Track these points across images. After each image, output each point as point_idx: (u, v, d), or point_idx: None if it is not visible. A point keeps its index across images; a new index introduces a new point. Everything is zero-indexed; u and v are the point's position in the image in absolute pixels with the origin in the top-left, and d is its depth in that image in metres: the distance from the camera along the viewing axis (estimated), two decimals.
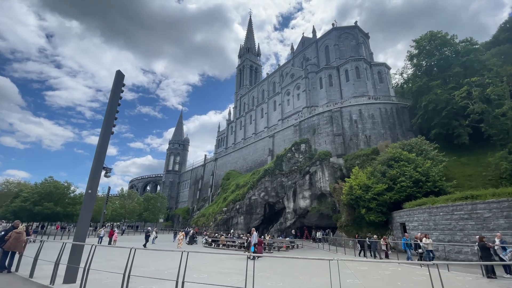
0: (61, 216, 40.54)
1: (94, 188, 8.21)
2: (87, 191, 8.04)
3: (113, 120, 9.08)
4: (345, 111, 37.65)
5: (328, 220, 35.86)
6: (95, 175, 8.34)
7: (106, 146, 8.78)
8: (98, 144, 8.73)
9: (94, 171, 8.34)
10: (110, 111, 9.02)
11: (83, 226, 7.84)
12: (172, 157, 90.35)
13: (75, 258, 7.33)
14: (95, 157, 8.58)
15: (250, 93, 74.62)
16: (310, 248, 24.75)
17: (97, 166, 8.47)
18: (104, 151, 8.71)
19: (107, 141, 8.82)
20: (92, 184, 8.19)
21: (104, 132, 8.81)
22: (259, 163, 50.54)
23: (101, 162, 8.57)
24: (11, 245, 8.63)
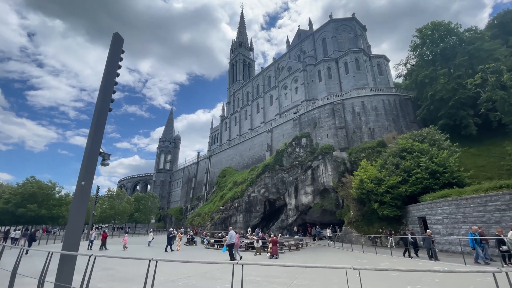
0: (46, 218, 37.41)
1: (89, 180, 6.19)
2: (79, 183, 6.02)
3: (111, 92, 7.06)
4: (347, 103, 36.37)
5: (331, 216, 34.61)
6: (89, 163, 6.32)
7: (103, 126, 6.77)
8: (93, 122, 6.70)
9: (88, 157, 6.32)
10: (107, 80, 7.00)
11: (74, 230, 5.83)
12: (162, 156, 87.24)
13: (65, 274, 5.35)
14: (88, 140, 6.54)
15: (244, 88, 72.54)
16: (320, 246, 23.25)
17: (92, 151, 6.45)
18: (100, 132, 6.70)
19: (104, 118, 6.81)
20: (86, 174, 6.18)
21: (100, 107, 6.79)
22: (257, 159, 48.77)
23: (96, 146, 6.55)
24: None
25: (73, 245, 5.69)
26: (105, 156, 6.73)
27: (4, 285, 6.03)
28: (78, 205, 5.93)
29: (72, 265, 5.57)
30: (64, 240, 5.73)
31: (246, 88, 71.48)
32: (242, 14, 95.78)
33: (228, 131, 72.20)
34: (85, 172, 6.18)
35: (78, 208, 5.91)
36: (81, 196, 5.97)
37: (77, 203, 5.91)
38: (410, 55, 38.59)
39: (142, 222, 55.61)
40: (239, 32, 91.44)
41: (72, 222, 5.79)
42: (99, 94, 7.01)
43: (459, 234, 15.13)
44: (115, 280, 8.33)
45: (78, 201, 5.93)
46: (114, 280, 8.33)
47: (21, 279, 6.27)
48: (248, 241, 20.42)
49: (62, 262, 5.45)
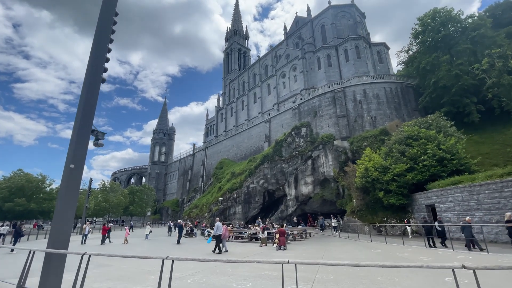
0: (36, 213, 35.95)
1: (79, 162, 5.07)
2: (68, 167, 4.91)
3: (104, 56, 5.87)
4: (348, 91, 35.45)
5: (331, 206, 34.19)
6: (79, 142, 5.19)
7: (95, 98, 5.60)
8: (82, 94, 5.53)
9: (78, 135, 5.19)
10: (99, 40, 5.80)
11: (63, 223, 4.75)
12: (157, 148, 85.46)
13: (51, 278, 4.30)
14: (77, 116, 5.39)
15: (240, 77, 70.82)
16: (324, 236, 22.69)
17: (82, 128, 5.31)
18: (92, 105, 5.54)
19: (96, 89, 5.64)
20: (76, 156, 5.06)
21: (91, 75, 5.61)
22: (255, 150, 47.83)
23: (87, 122, 5.41)
24: None
25: (61, 241, 4.63)
26: (98, 135, 5.61)
27: None
28: (67, 192, 4.83)
29: (60, 266, 4.53)
30: (50, 236, 4.66)
31: (242, 78, 69.78)
32: (237, 1, 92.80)
33: (224, 122, 70.76)
34: (74, 153, 5.06)
35: (67, 197, 4.82)
36: (70, 182, 4.86)
37: (65, 190, 4.81)
38: (412, 42, 37.73)
39: (138, 215, 54.53)
40: (234, 20, 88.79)
41: (59, 214, 4.71)
42: (89, 60, 5.82)
43: (472, 221, 14.57)
44: (113, 279, 7.35)
45: (67, 188, 4.83)
46: (111, 279, 7.34)
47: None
48: (251, 231, 19.63)
49: (47, 263, 4.40)
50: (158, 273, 8.32)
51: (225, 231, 13.74)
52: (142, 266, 9.07)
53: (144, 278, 7.60)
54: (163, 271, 7.64)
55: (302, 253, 12.76)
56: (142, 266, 9.07)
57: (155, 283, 7.04)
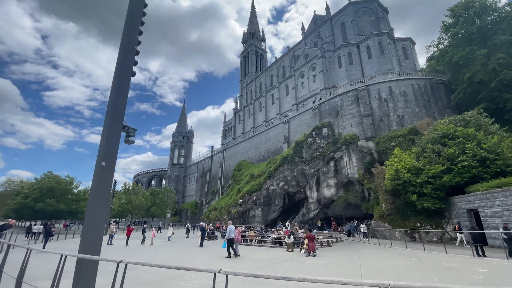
0: (65, 213, 37.40)
1: (111, 160, 4.71)
2: (99, 165, 4.54)
3: (134, 48, 5.53)
4: (372, 89, 33.88)
5: (356, 209, 32.70)
6: (110, 139, 4.82)
7: (125, 93, 5.25)
8: (113, 90, 5.18)
9: (108, 132, 4.83)
10: (129, 32, 5.46)
11: (94, 226, 4.37)
12: (176, 150, 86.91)
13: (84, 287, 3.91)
14: (108, 112, 5.05)
15: (257, 79, 70.54)
16: (352, 242, 21.48)
17: (113, 124, 4.95)
18: (123, 101, 5.18)
19: (126, 84, 5.29)
20: (107, 153, 4.69)
21: (121, 69, 5.26)
22: (274, 151, 47.09)
23: (118, 119, 5.05)
24: None
25: (93, 246, 4.25)
26: (129, 131, 5.25)
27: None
28: (99, 191, 4.46)
29: (92, 272, 4.14)
30: (81, 239, 4.30)
31: (259, 80, 69.46)
32: (253, 3, 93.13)
33: (242, 124, 70.66)
34: (105, 150, 4.70)
35: (99, 195, 4.45)
36: (101, 180, 4.50)
37: (97, 189, 4.44)
38: (442, 36, 35.51)
39: (159, 216, 55.42)
40: (250, 23, 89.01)
41: (91, 214, 4.34)
42: (119, 54, 5.50)
43: None
44: (142, 284, 6.97)
45: (99, 186, 4.46)
46: (141, 284, 6.97)
47: None
48: (275, 236, 18.90)
49: (79, 268, 4.02)
50: (187, 278, 7.91)
51: (238, 235, 13.47)
52: (169, 270, 8.67)
53: (175, 284, 7.18)
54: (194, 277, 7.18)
55: (334, 260, 11.87)
56: (170, 271, 8.66)
57: None
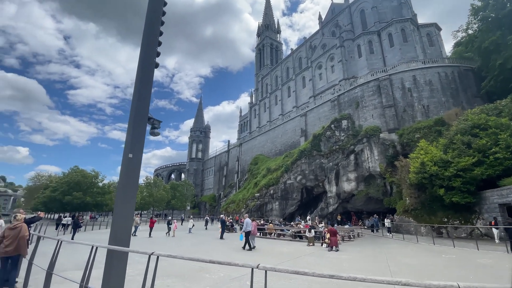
0: (91, 206, 39.32)
1: (137, 152, 4.69)
2: (126, 156, 4.54)
3: (157, 39, 5.45)
4: (395, 78, 32.31)
5: (377, 204, 31.75)
6: (136, 131, 4.80)
7: (149, 85, 5.20)
8: (137, 81, 5.14)
9: (134, 124, 4.81)
10: (151, 21, 5.38)
11: (123, 218, 4.39)
12: (194, 145, 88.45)
13: (115, 278, 3.94)
14: (133, 105, 5.02)
15: (273, 72, 69.63)
16: (375, 237, 20.88)
17: (139, 117, 4.92)
18: (147, 92, 5.14)
19: (150, 76, 5.23)
20: (133, 145, 4.68)
21: (143, 61, 5.20)
22: (290, 145, 46.57)
23: (143, 111, 5.02)
24: (8, 247, 5.49)
25: (123, 237, 4.28)
26: (154, 123, 5.22)
27: (39, 285, 4.96)
28: (127, 182, 4.47)
29: (123, 264, 4.17)
30: (111, 231, 4.34)
31: (275, 72, 68.53)
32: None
33: (258, 118, 70.37)
34: (131, 142, 4.69)
35: (127, 187, 4.46)
36: (129, 172, 4.50)
37: (125, 180, 4.45)
38: (471, 20, 32.99)
39: (179, 208, 56.99)
40: (265, 14, 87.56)
41: (120, 207, 4.36)
42: (142, 45, 5.43)
43: None
44: (170, 276, 7.07)
45: (126, 178, 4.47)
46: (169, 275, 7.07)
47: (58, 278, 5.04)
48: (295, 229, 18.73)
49: (109, 260, 4.05)
50: (212, 271, 7.94)
51: (254, 228, 13.65)
52: (195, 263, 8.76)
53: (200, 276, 7.22)
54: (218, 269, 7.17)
55: (359, 255, 11.52)
56: (195, 263, 8.75)
57: (212, 282, 6.58)
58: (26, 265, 5.97)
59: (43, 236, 6.30)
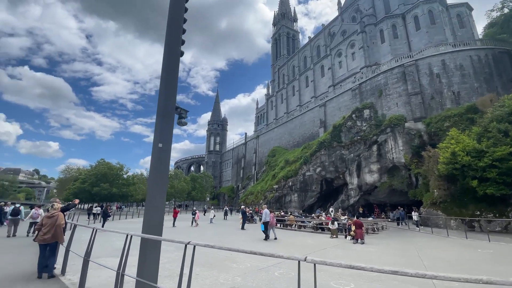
0: (117, 196, 41.25)
1: (167, 141, 4.68)
2: (156, 146, 4.53)
3: (181, 27, 5.33)
4: (422, 64, 30.43)
5: (401, 196, 30.63)
6: (165, 121, 4.77)
7: (176, 73, 5.12)
8: (163, 71, 5.07)
9: (163, 114, 4.78)
10: (174, 8, 5.25)
11: (156, 207, 4.41)
12: (212, 138, 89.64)
13: (149, 267, 3.98)
14: (160, 94, 4.97)
15: (290, 62, 68.19)
16: (400, 230, 20.20)
17: (167, 106, 4.88)
18: (173, 81, 5.07)
19: (176, 65, 5.15)
20: (163, 135, 4.66)
21: (169, 50, 5.12)
22: (309, 136, 45.78)
23: (171, 101, 4.96)
24: (46, 235, 5.76)
25: (155, 226, 4.31)
26: (181, 112, 5.16)
27: (76, 271, 5.19)
28: (157, 173, 4.48)
29: (156, 253, 4.21)
30: (144, 220, 4.38)
31: (292, 62, 67.07)
32: None
33: (275, 109, 69.70)
34: (160, 131, 4.68)
35: (158, 178, 4.46)
36: (160, 162, 4.51)
37: (155, 170, 4.47)
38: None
39: (199, 199, 58.45)
40: (280, 3, 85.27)
41: (152, 196, 4.39)
42: (166, 34, 5.34)
43: None
44: (197, 264, 7.14)
45: (157, 168, 4.47)
46: (196, 264, 7.14)
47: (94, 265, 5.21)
48: (317, 221, 18.49)
49: (144, 249, 4.10)
50: (238, 260, 7.97)
51: (272, 219, 13.86)
52: (219, 252, 8.85)
53: (227, 265, 7.26)
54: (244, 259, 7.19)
55: (387, 249, 11.12)
56: (220, 252, 8.84)
57: (240, 272, 6.59)
58: (63, 251, 6.27)
59: (78, 225, 6.57)
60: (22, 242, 10.72)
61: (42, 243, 5.81)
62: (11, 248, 9.43)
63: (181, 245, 3.34)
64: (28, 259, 7.37)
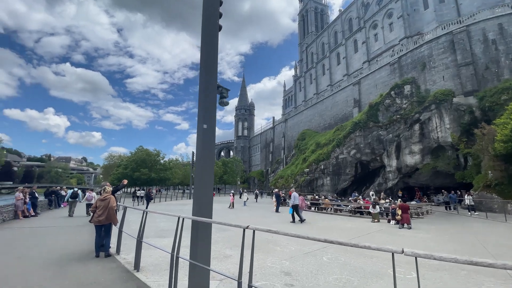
0: (156, 181, 43.94)
1: (211, 121, 4.47)
2: (201, 128, 4.33)
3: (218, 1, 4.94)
4: (474, 29, 26.68)
5: (446, 178, 28.26)
6: (208, 101, 4.54)
7: (215, 50, 4.79)
8: (202, 51, 4.77)
9: (205, 94, 4.56)
10: None
11: (204, 189, 4.29)
12: (240, 123, 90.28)
13: (201, 250, 3.91)
14: (201, 74, 4.70)
15: (319, 40, 64.55)
16: (448, 215, 18.68)
17: (209, 86, 4.64)
18: (213, 59, 4.76)
19: (215, 41, 4.81)
20: (206, 115, 4.45)
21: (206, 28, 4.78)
22: (341, 117, 43.73)
23: (212, 79, 4.69)
24: (100, 216, 6.07)
25: (205, 208, 4.20)
26: (223, 91, 4.90)
27: (129, 251, 5.43)
28: (204, 154, 4.36)
29: (207, 236, 4.12)
30: (194, 202, 4.30)
31: (321, 39, 63.42)
32: None
33: (303, 91, 67.43)
34: (204, 112, 4.46)
35: (204, 159, 4.33)
36: (205, 143, 4.37)
37: (202, 152, 4.34)
38: None
39: (230, 183, 60.08)
40: None
41: (200, 178, 4.27)
42: (203, 8, 4.98)
43: None
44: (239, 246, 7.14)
45: (203, 149, 4.34)
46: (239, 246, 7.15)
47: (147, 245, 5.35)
48: (355, 205, 17.77)
49: (195, 232, 4.02)
50: (281, 243, 7.85)
51: (302, 202, 14.04)
52: (261, 234, 8.78)
53: (271, 248, 7.18)
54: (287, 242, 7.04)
55: (438, 234, 10.20)
56: (261, 235, 8.79)
57: (284, 256, 6.43)
58: (116, 232, 6.62)
59: (128, 207, 6.85)
60: (80, 222, 11.74)
61: (97, 224, 6.16)
62: (70, 228, 10.36)
63: (222, 226, 3.16)
64: (86, 239, 7.98)
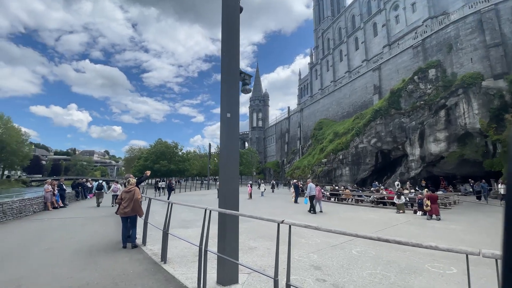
0: (175, 172, 45.11)
1: (234, 109, 4.29)
2: (224, 116, 4.15)
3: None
4: (504, 8, 24.42)
5: (473, 167, 26.75)
6: (231, 89, 4.32)
7: (237, 37, 4.55)
8: (223, 39, 4.55)
9: (228, 82, 4.34)
10: None
11: (230, 179, 4.15)
12: (254, 114, 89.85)
13: (229, 244, 3.80)
14: (223, 61, 4.49)
15: (335, 24, 62.01)
16: (477, 205, 17.68)
17: (230, 72, 4.40)
18: (235, 45, 4.52)
19: (236, 27, 4.56)
20: (229, 103, 4.27)
21: (227, 13, 4.54)
22: (361, 105, 42.23)
23: (235, 65, 4.46)
24: (126, 208, 6.14)
25: (231, 199, 4.07)
26: (245, 78, 4.67)
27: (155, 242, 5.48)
28: (228, 144, 4.21)
29: (235, 228, 3.99)
30: (220, 194, 4.18)
31: (338, 24, 60.88)
32: None
33: (319, 79, 65.58)
34: (227, 101, 4.28)
35: (229, 149, 4.19)
36: (229, 132, 4.22)
37: (226, 141, 4.19)
38: None
39: (246, 174, 60.51)
40: None
41: (225, 169, 4.13)
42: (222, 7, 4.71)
43: None
44: (264, 238, 7.14)
45: (227, 138, 4.19)
46: (264, 238, 7.14)
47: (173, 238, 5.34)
48: (377, 196, 17.22)
49: (222, 225, 3.90)
50: (305, 235, 7.68)
51: (318, 192, 14.08)
52: (282, 225, 8.67)
53: (295, 240, 6.99)
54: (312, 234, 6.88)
55: (471, 226, 9.60)
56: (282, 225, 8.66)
57: (311, 248, 6.25)
58: (141, 223, 6.71)
59: (153, 199, 6.92)
60: (106, 213, 12.17)
61: (123, 216, 6.25)
62: (97, 219, 10.74)
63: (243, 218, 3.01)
64: (113, 230, 8.20)
